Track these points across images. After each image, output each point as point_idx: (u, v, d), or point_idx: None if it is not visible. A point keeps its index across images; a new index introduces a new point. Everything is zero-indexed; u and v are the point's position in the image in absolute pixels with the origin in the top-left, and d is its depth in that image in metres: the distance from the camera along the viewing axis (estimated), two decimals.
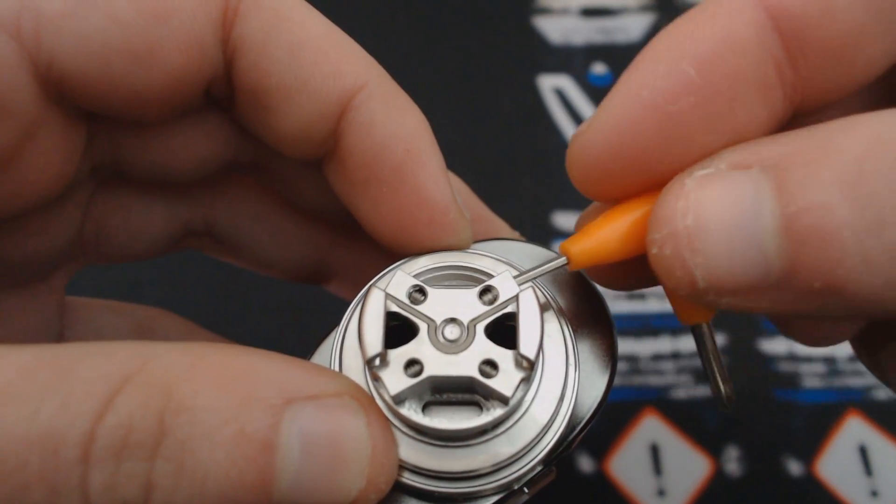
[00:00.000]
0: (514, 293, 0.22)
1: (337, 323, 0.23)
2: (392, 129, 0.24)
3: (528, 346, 0.21)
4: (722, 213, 0.18)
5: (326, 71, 0.24)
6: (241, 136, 0.27)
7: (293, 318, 0.43)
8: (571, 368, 0.22)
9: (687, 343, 0.42)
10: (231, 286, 0.44)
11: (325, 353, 0.23)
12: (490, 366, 0.21)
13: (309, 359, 0.24)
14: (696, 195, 0.19)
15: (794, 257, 0.18)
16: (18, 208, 0.24)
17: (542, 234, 0.45)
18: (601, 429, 0.40)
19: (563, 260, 0.22)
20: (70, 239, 0.27)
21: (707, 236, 0.19)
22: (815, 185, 0.18)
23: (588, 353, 0.23)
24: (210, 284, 0.44)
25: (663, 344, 0.42)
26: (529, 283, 0.22)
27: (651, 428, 0.40)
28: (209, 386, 0.18)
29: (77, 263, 0.29)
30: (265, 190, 0.30)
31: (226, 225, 0.30)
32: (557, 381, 0.22)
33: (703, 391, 0.40)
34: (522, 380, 0.21)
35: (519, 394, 0.21)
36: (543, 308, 0.22)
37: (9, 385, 0.17)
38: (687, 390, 0.40)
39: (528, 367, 0.21)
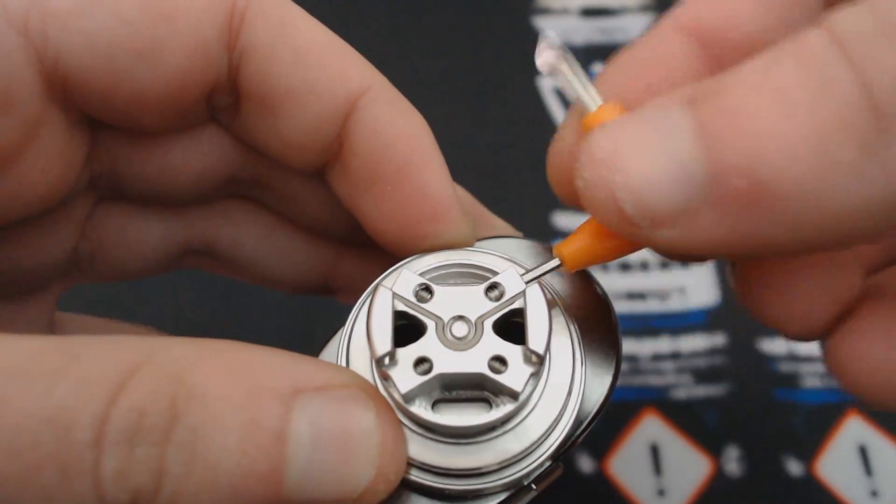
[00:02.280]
0: (520, 289, 0.22)
1: (341, 326, 0.23)
2: (396, 129, 0.24)
3: (536, 340, 0.21)
4: (638, 134, 0.18)
5: (333, 74, 0.24)
6: (241, 151, 0.27)
7: (297, 324, 0.43)
8: (578, 363, 0.22)
9: (687, 343, 0.42)
10: (231, 295, 0.43)
11: (331, 353, 0.23)
12: (499, 361, 0.21)
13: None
14: (611, 125, 0.19)
15: (712, 155, 0.17)
16: (16, 213, 0.24)
17: (542, 234, 0.45)
18: (601, 429, 0.40)
19: (556, 262, 0.22)
20: (65, 254, 0.27)
21: (624, 154, 0.18)
22: (729, 96, 0.17)
23: (592, 347, 0.23)
24: (210, 293, 0.43)
25: (663, 344, 0.42)
26: (535, 280, 0.22)
27: (651, 428, 0.40)
28: (219, 375, 0.18)
29: (70, 280, 0.29)
30: (266, 208, 0.30)
31: (226, 244, 0.30)
32: (565, 377, 0.22)
33: (703, 391, 0.40)
34: (532, 374, 0.21)
35: (528, 388, 0.21)
36: (550, 303, 0.22)
37: (19, 365, 0.16)
38: (687, 390, 0.40)
39: (538, 362, 0.21)
